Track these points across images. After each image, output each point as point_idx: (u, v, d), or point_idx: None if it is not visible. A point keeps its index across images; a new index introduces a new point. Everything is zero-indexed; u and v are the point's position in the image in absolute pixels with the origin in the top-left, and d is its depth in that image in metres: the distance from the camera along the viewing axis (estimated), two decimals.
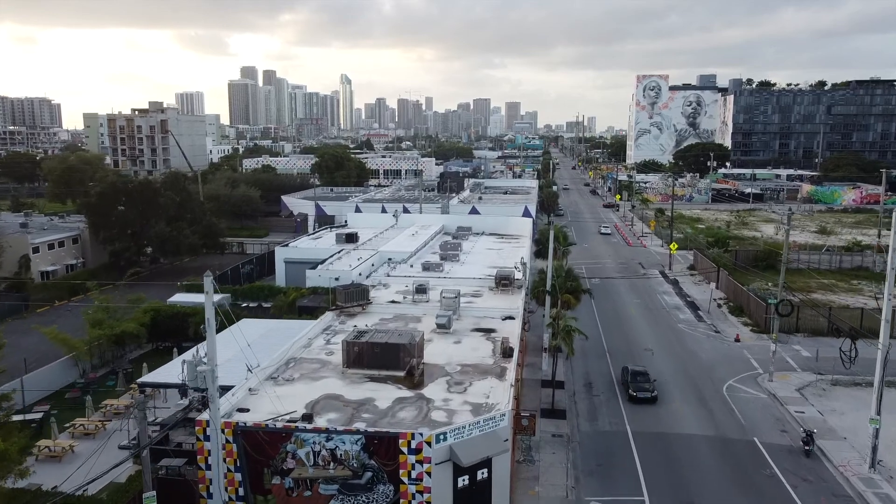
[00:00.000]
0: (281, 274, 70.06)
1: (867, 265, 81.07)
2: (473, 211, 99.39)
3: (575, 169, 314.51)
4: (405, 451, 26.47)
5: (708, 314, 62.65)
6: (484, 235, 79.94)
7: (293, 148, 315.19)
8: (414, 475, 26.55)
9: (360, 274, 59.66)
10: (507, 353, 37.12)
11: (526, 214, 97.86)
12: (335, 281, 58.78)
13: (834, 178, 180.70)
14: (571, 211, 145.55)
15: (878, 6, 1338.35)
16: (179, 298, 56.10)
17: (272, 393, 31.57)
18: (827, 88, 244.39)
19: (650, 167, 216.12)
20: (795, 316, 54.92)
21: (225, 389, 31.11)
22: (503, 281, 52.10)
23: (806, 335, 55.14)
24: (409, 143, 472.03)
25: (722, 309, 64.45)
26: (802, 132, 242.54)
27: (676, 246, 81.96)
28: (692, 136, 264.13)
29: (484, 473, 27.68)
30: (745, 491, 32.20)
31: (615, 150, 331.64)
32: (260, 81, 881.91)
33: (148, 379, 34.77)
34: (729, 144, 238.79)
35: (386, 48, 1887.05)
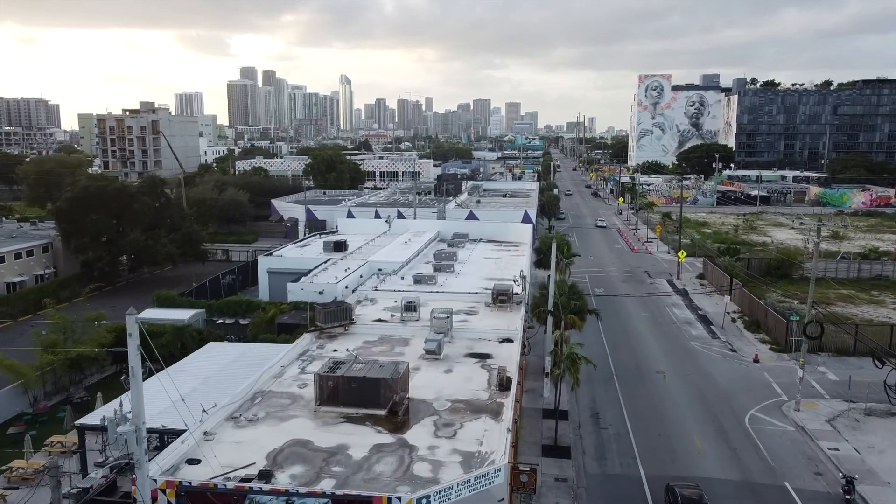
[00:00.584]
0: (264, 285, 65.59)
1: (887, 273, 76.73)
2: (471, 216, 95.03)
3: (576, 170, 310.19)
4: None
5: (722, 330, 58.15)
6: (481, 242, 75.49)
7: (290, 149, 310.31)
8: None
9: (346, 287, 55.20)
10: (504, 384, 32.68)
11: (526, 219, 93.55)
12: (319, 295, 54.36)
13: (842, 179, 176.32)
14: (573, 214, 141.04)
15: (879, 6, 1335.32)
16: (150, 314, 51.66)
17: (230, 439, 27.29)
18: (833, 88, 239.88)
19: (653, 169, 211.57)
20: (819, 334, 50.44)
21: (177, 435, 26.98)
22: (501, 296, 47.72)
23: (831, 355, 50.62)
24: (408, 143, 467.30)
25: (737, 324, 59.95)
26: (808, 133, 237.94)
27: (685, 254, 77.38)
28: (695, 136, 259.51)
29: None
30: None
31: (616, 150, 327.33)
32: (259, 82, 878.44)
33: (89, 420, 30.17)
34: (733, 145, 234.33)
35: (387, 48, 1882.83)
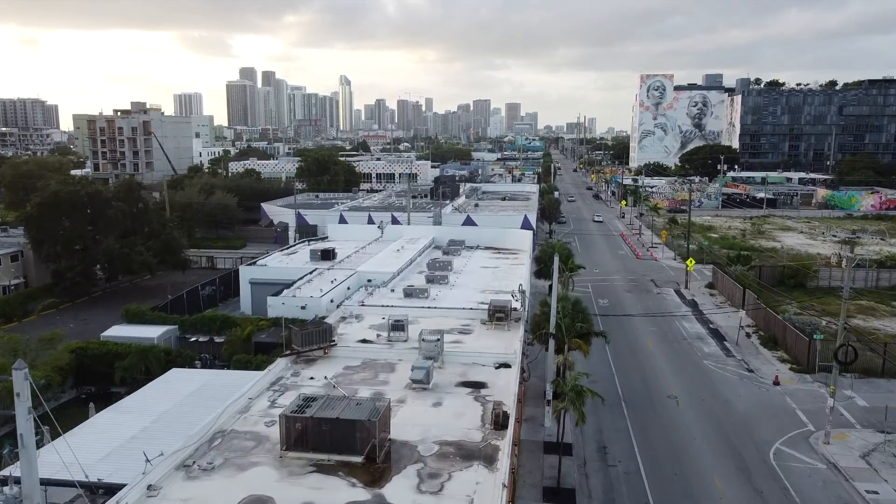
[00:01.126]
0: (246, 297, 61.47)
1: None
2: (468, 221, 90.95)
3: (576, 171, 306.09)
4: None
5: (737, 346, 54.02)
6: (478, 250, 71.43)
7: (288, 150, 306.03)
8: None
9: (331, 301, 51.10)
10: (500, 422, 28.58)
11: (525, 225, 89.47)
12: (301, 310, 50.32)
13: (849, 181, 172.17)
14: (574, 218, 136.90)
15: (881, 7, 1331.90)
16: (116, 332, 47.65)
17: (178, 495, 23.20)
18: (838, 88, 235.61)
19: (656, 170, 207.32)
20: (845, 353, 46.31)
21: (113, 491, 22.96)
22: (498, 313, 43.59)
23: (858, 376, 46.43)
24: (407, 144, 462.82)
25: (752, 339, 55.79)
26: (813, 133, 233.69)
27: (694, 262, 73.24)
28: (698, 137, 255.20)
29: None
30: None
31: (617, 151, 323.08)
32: (259, 82, 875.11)
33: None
34: (736, 146, 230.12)
35: (389, 49, 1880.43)
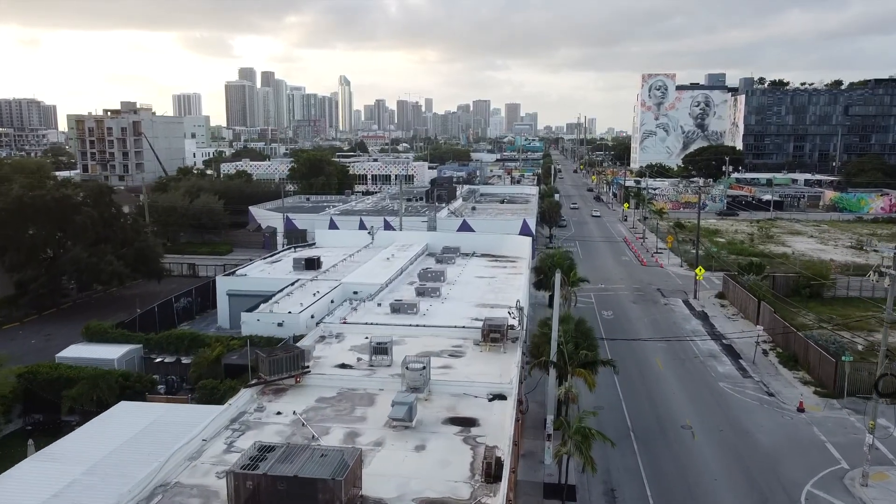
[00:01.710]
0: (223, 311, 57.16)
1: None
2: (464, 225, 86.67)
3: (576, 172, 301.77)
4: None
5: (754, 365, 49.67)
6: (474, 257, 67.04)
7: (286, 150, 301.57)
8: None
9: (311, 317, 46.74)
10: (492, 472, 24.30)
11: (524, 230, 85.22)
12: (278, 327, 45.96)
13: (857, 183, 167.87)
14: (575, 221, 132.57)
15: (883, 7, 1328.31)
16: (72, 353, 43.29)
17: None
18: (844, 88, 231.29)
19: (658, 171, 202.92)
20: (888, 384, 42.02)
21: None
22: (493, 333, 39.30)
23: (889, 402, 42.13)
24: (406, 144, 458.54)
25: (770, 358, 51.42)
26: (818, 134, 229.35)
27: (703, 271, 68.88)
28: (700, 138, 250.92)
29: None
30: None
31: (618, 152, 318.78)
32: (258, 83, 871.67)
33: None
34: (739, 147, 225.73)
35: (390, 50, 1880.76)
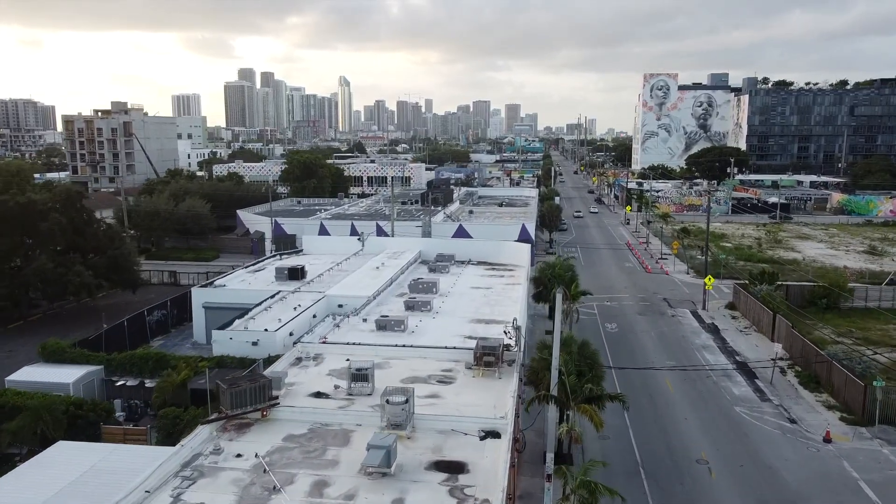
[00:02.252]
0: (199, 325, 53.24)
1: None
2: (460, 230, 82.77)
3: (577, 174, 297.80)
4: None
5: (771, 386, 45.70)
6: (470, 265, 63.15)
7: (283, 151, 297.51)
8: None
9: (290, 334, 42.88)
10: None
11: (523, 235, 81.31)
12: (252, 346, 42.06)
13: (865, 185, 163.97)
14: (576, 225, 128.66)
15: (886, 7, 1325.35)
16: (25, 376, 39.42)
17: None
18: (849, 88, 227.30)
19: (660, 173, 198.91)
20: None
21: None
22: (486, 356, 35.43)
23: None
24: (405, 145, 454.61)
25: (788, 377, 47.44)
26: (823, 135, 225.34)
27: (713, 280, 64.95)
28: (703, 139, 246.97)
29: None
30: None
31: (619, 153, 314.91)
32: (258, 83, 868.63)
33: None
34: (743, 147, 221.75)
35: (391, 51, 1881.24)
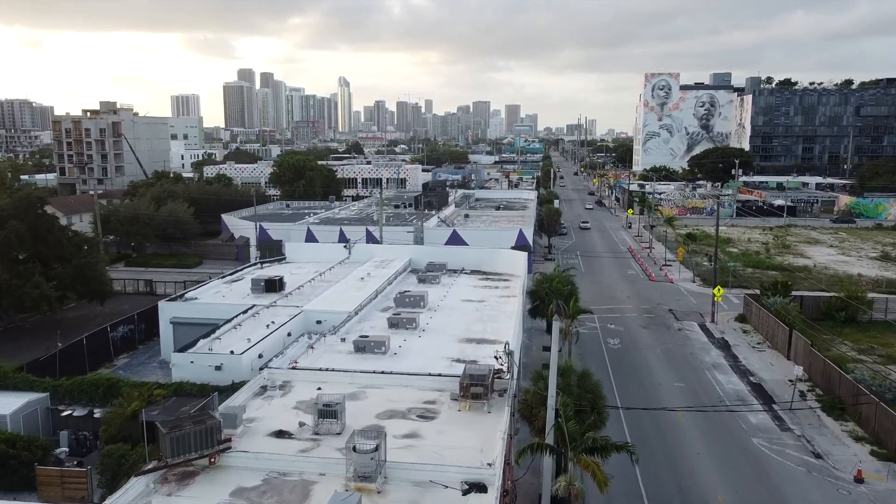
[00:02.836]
0: (167, 342, 49.16)
1: None
2: (454, 236, 78.64)
3: (577, 175, 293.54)
4: None
5: (791, 413, 41.50)
6: (463, 275, 59.07)
7: (280, 151, 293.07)
8: None
9: (259, 356, 38.75)
10: None
11: (520, 241, 77.25)
12: (216, 371, 37.93)
13: (872, 188, 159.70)
14: (575, 228, 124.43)
15: (888, 8, 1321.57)
16: None
17: None
18: (854, 87, 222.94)
19: (663, 174, 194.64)
20: None
21: None
22: (474, 387, 31.29)
23: None
24: (404, 146, 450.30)
25: (808, 401, 43.22)
26: (828, 135, 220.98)
27: (722, 291, 60.76)
28: (705, 139, 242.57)
29: None
30: None
31: (620, 154, 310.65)
32: (257, 84, 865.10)
33: None
34: (746, 148, 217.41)
35: (393, 52, 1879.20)
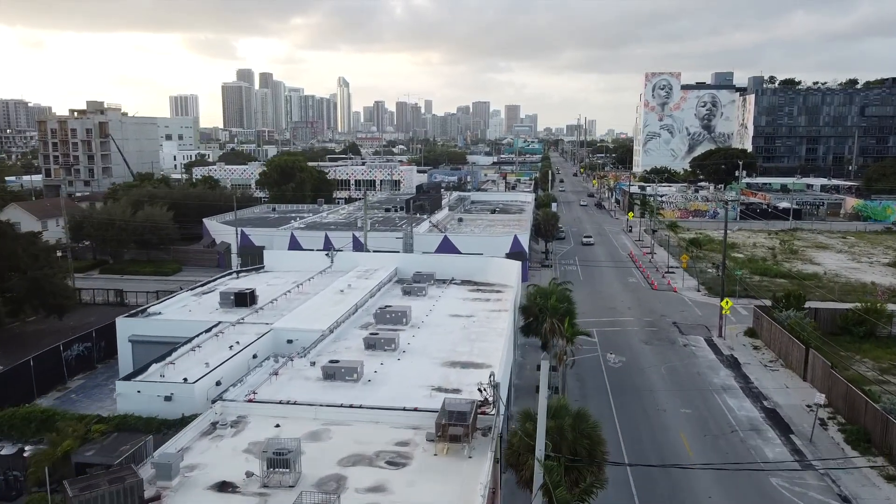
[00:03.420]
0: (126, 362, 44.92)
1: None
2: (445, 243, 74.46)
3: (577, 175, 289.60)
4: None
5: (811, 445, 37.31)
6: (452, 285, 54.94)
7: (278, 152, 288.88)
8: None
9: (217, 383, 34.57)
10: None
11: (515, 248, 73.26)
12: (165, 402, 33.70)
13: (878, 189, 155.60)
14: (575, 231, 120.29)
15: (889, 9, 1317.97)
16: None
17: None
18: (859, 87, 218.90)
19: (664, 175, 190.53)
20: None
21: None
22: (453, 427, 27.06)
23: None
24: (402, 147, 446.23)
25: (830, 431, 38.95)
26: (832, 136, 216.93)
27: (731, 304, 56.55)
28: (707, 140, 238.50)
29: None
30: None
31: (620, 154, 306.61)
32: (256, 84, 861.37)
33: None
34: (749, 149, 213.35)
35: (394, 52, 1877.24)
